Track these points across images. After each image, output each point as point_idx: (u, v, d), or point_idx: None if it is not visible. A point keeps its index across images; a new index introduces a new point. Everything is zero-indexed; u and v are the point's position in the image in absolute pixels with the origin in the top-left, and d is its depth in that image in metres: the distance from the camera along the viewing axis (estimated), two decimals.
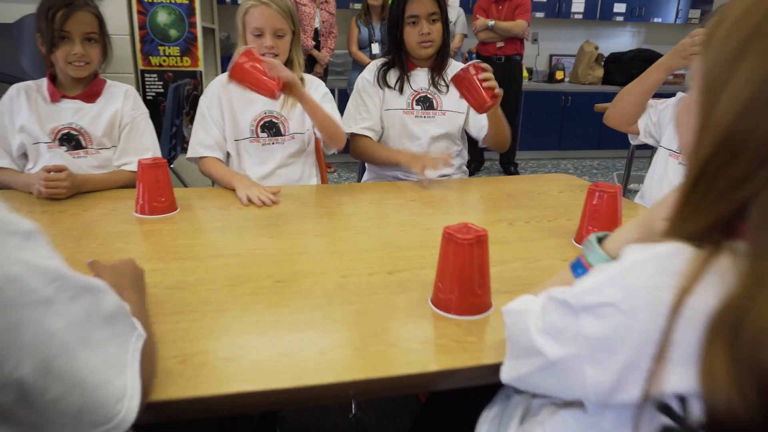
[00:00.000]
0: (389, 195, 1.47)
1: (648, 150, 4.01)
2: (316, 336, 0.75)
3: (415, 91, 1.75)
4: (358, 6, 4.66)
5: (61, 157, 1.42)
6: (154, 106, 3.13)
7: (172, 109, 2.52)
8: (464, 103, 1.76)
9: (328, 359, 0.70)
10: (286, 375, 0.66)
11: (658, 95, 1.56)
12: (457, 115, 1.76)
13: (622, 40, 5.77)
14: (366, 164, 1.94)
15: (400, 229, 1.19)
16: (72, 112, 1.46)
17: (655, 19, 5.44)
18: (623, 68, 5.16)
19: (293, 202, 1.38)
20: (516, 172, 4.67)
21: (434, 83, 1.75)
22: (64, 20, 1.34)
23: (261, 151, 1.59)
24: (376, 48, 4.34)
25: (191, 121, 3.29)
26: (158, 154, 1.55)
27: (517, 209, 1.34)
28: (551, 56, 5.63)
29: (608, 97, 5.23)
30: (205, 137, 1.59)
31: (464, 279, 0.80)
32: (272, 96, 1.31)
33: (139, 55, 3.05)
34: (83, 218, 1.22)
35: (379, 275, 0.95)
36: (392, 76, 1.76)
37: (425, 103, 1.74)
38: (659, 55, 5.40)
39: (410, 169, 1.59)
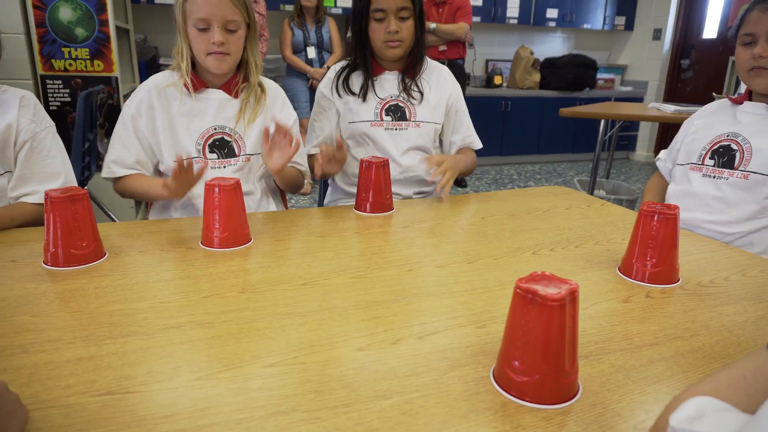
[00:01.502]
0: (373, 221, 1.23)
1: (604, 152, 4.03)
2: None
3: (382, 99, 1.51)
4: (289, 7, 4.38)
5: None
6: (60, 117, 2.68)
7: (83, 120, 2.12)
8: (440, 113, 1.56)
9: None
10: None
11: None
12: (433, 126, 1.54)
13: (554, 45, 5.88)
14: (330, 182, 1.68)
15: (407, 267, 0.95)
16: None
17: (585, 25, 5.58)
18: (559, 73, 5.23)
19: (259, 237, 1.10)
20: (463, 180, 4.56)
21: (406, 89, 1.52)
22: None
23: (209, 176, 1.29)
24: (312, 52, 4.07)
25: (106, 134, 2.86)
26: (71, 180, 1.21)
27: (533, 233, 1.15)
28: (487, 61, 5.61)
29: (546, 102, 5.35)
30: (124, 154, 1.28)
31: (551, 354, 0.57)
32: None
33: (38, 57, 2.60)
34: None
35: (406, 342, 0.71)
36: (355, 82, 1.51)
37: (396, 113, 1.51)
38: (592, 61, 5.55)
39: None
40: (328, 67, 4.01)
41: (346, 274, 0.92)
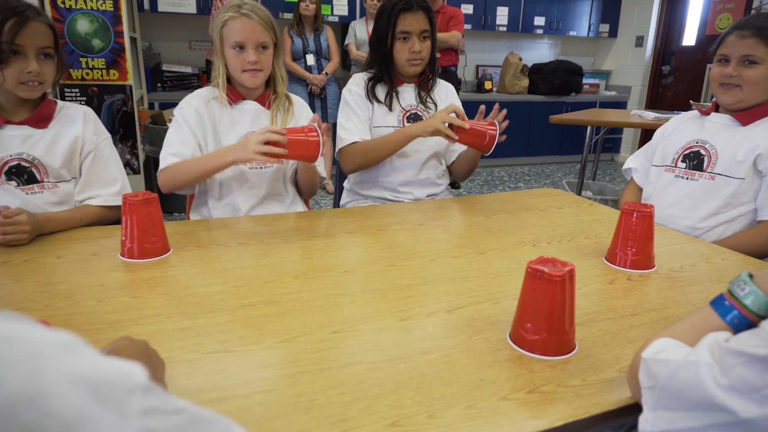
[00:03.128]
0: (392, 219, 1.41)
1: (589, 154, 4.24)
2: (417, 396, 0.67)
3: (404, 108, 1.69)
4: (288, 16, 4.54)
5: (12, 193, 1.21)
6: None
7: (107, 127, 2.27)
8: None
9: (445, 424, 0.63)
10: None
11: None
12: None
13: (541, 52, 6.11)
14: (345, 186, 1.85)
15: (429, 258, 1.14)
16: (20, 140, 1.25)
17: (571, 33, 5.82)
18: (546, 78, 5.46)
19: (298, 234, 1.27)
20: (456, 182, 4.76)
21: (422, 101, 1.71)
22: (16, 32, 1.14)
23: (248, 178, 1.46)
24: (311, 59, 4.24)
25: (121, 139, 3.01)
26: (126, 184, 1.38)
27: (531, 229, 1.33)
28: (478, 67, 5.83)
29: (535, 107, 5.56)
30: (182, 149, 1.40)
31: (555, 317, 0.76)
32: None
33: None
34: (61, 268, 1.04)
35: (438, 315, 0.89)
36: (380, 91, 1.69)
37: (416, 120, 1.69)
38: (578, 67, 5.74)
39: (429, 133, 1.51)
40: (327, 74, 4.22)
41: (378, 264, 1.10)
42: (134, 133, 3.02)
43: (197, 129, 1.43)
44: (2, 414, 0.24)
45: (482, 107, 1.55)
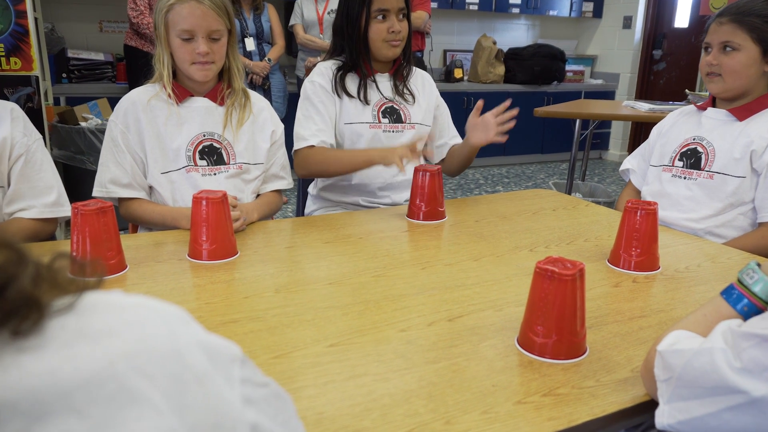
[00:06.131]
0: (372, 226, 1.51)
1: (578, 153, 4.47)
2: (430, 405, 0.78)
3: (377, 100, 1.79)
4: None
5: None
6: None
7: None
8: (430, 116, 1.87)
9: (463, 430, 0.73)
10: None
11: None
12: (426, 129, 1.85)
13: (517, 34, 6.40)
14: (310, 191, 1.94)
15: (420, 266, 1.25)
16: None
17: (551, 12, 6.13)
18: (525, 65, 5.72)
19: (269, 245, 1.36)
20: None
21: (398, 92, 1.82)
22: None
23: (200, 185, 1.52)
24: (250, 44, 4.31)
25: None
26: (63, 192, 1.43)
27: (526, 233, 1.47)
28: (445, 52, 6.04)
29: (513, 98, 5.75)
30: (119, 173, 1.49)
31: (566, 318, 0.88)
32: None
33: None
34: None
35: (439, 324, 1.00)
36: (350, 83, 1.78)
37: (392, 115, 1.80)
38: (560, 51, 6.00)
39: (387, 163, 1.62)
40: (270, 61, 4.30)
41: (366, 274, 1.20)
42: (42, 134, 3.00)
43: (135, 142, 1.50)
44: (161, 363, 0.33)
45: (480, 103, 1.68)
